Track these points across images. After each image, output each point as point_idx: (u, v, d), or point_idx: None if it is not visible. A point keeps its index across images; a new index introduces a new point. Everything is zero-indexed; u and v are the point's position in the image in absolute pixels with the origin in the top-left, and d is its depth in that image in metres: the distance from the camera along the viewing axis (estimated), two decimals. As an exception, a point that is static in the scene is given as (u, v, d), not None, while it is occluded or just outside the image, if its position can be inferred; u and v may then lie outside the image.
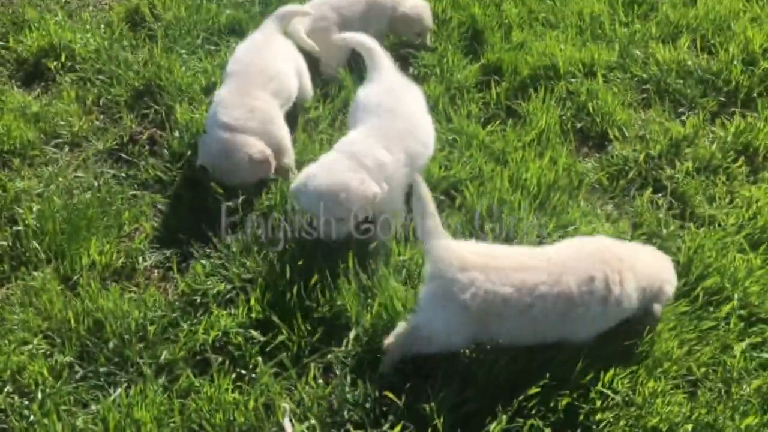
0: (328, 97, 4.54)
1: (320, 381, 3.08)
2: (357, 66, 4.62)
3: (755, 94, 4.60)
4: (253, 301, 3.32)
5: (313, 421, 2.97)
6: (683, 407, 2.97)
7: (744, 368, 3.14)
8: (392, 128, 3.63)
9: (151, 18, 5.30)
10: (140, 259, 3.68)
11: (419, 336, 3.01)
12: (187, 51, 4.98)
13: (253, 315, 3.29)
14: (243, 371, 3.14)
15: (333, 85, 4.63)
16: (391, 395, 2.94)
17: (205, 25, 5.22)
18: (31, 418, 2.95)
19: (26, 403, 3.02)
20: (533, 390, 2.91)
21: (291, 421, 2.97)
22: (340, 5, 4.75)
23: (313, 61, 4.61)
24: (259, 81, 4.03)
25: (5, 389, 3.07)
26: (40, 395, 3.01)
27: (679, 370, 3.11)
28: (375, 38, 4.38)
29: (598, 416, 2.92)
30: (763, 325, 3.31)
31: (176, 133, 4.28)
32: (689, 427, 2.91)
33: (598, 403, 2.94)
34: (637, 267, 3.04)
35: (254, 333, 3.23)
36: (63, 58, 4.87)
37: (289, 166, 4.04)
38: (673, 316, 3.26)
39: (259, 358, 3.15)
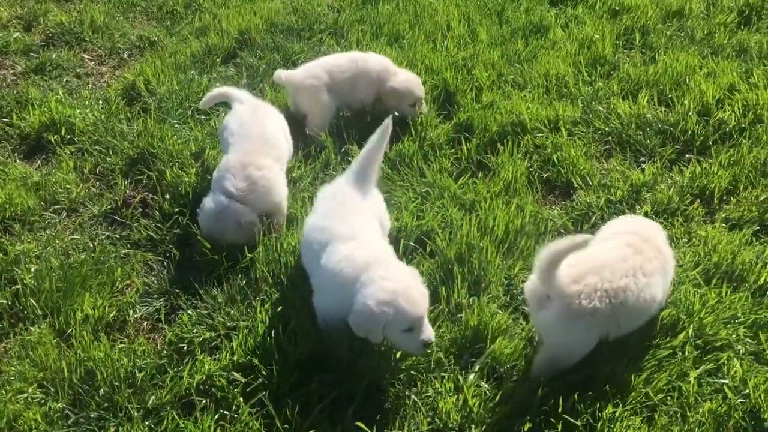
0: (309, 158, 4.85)
1: (298, 418, 3.24)
2: (338, 130, 4.98)
3: (710, 142, 4.88)
4: (235, 346, 3.53)
5: (291, 456, 3.14)
6: (641, 430, 3.13)
7: (699, 393, 3.31)
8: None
9: (146, 93, 5.69)
10: (131, 312, 3.91)
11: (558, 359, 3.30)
12: (178, 121, 5.34)
13: (236, 359, 3.49)
14: (225, 411, 3.31)
15: (315, 146, 4.94)
16: (363, 426, 3.12)
17: (196, 97, 5.59)
18: (25, 461, 3.13)
19: (21, 447, 3.20)
20: (496, 417, 3.09)
21: (270, 455, 3.14)
22: (332, 69, 5.12)
23: (295, 124, 4.93)
24: (263, 149, 4.32)
25: (2, 435, 3.26)
26: (33, 440, 3.21)
27: (638, 396, 3.27)
28: (362, 104, 5.06)
29: (559, 440, 3.08)
30: (717, 352, 3.49)
31: (167, 196, 4.58)
32: (646, 448, 3.07)
33: (560, 428, 3.11)
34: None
35: (236, 375, 3.42)
36: (63, 132, 5.22)
37: (281, 224, 4.31)
38: (631, 346, 3.45)
39: (241, 399, 3.33)
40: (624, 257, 3.31)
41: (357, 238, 3.49)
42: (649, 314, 3.39)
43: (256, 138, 4.37)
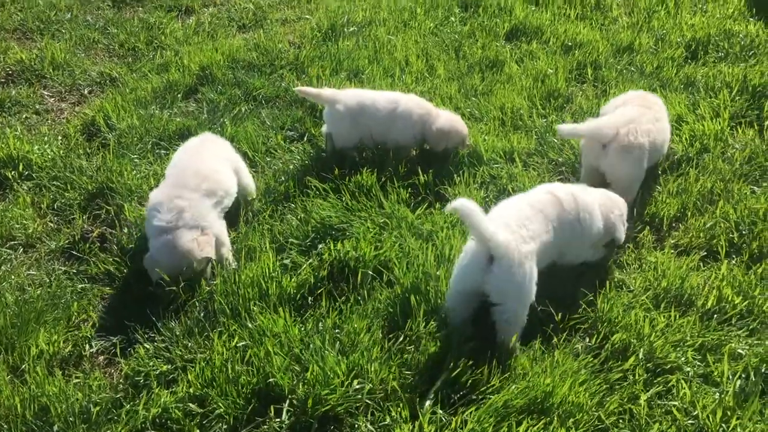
0: (268, 192, 4.90)
1: (255, 449, 3.24)
2: (299, 165, 5.02)
3: (659, 171, 5.03)
4: (192, 378, 3.52)
5: (247, 488, 3.12)
6: (593, 453, 3.19)
7: (650, 415, 3.38)
8: None
9: (106, 128, 5.71)
10: (87, 346, 3.89)
11: None
12: (138, 156, 5.36)
13: (192, 391, 3.48)
14: (181, 445, 3.31)
15: (275, 178, 5.00)
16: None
17: (156, 132, 5.64)
18: (-26, 500, 3.07)
19: (-30, 486, 3.14)
20: (451, 443, 3.12)
21: (226, 488, 3.12)
22: (366, 104, 5.16)
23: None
24: (192, 182, 4.27)
25: (-50, 475, 3.20)
26: (-17, 478, 3.15)
27: (590, 419, 3.33)
28: (398, 145, 5.18)
29: (513, 464, 3.12)
30: (667, 375, 3.57)
31: (125, 230, 4.58)
32: (599, 470, 3.12)
33: (514, 453, 3.15)
34: None
35: (193, 406, 3.41)
36: (21, 168, 5.20)
37: (227, 256, 4.32)
38: (583, 370, 3.52)
39: (197, 431, 3.32)
40: None
41: None
42: None
43: (189, 173, 4.34)
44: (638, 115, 4.69)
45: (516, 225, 3.65)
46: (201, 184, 4.29)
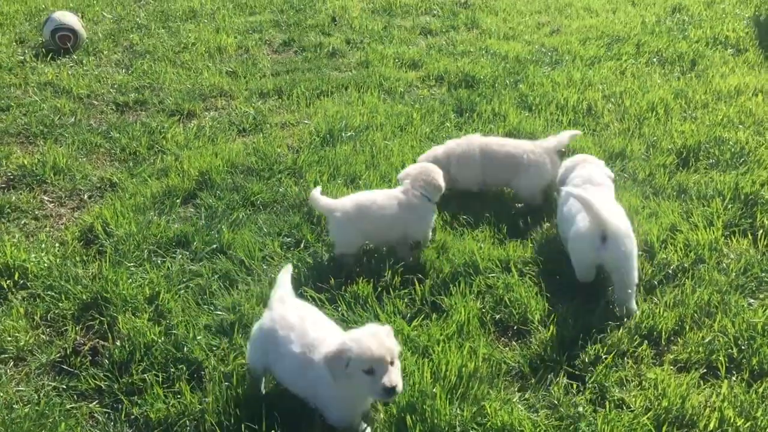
0: (264, 302, 4.88)
1: None
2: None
3: (656, 282, 5.02)
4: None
5: None
6: None
7: None
8: None
9: (104, 235, 5.73)
10: (72, 471, 3.77)
11: None
12: (134, 264, 5.36)
13: None
14: None
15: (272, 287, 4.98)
16: None
17: (154, 239, 5.66)
18: None
19: None
20: None
21: None
22: (367, 205, 5.29)
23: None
24: None
25: None
26: None
27: None
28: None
29: None
30: (672, 505, 3.46)
31: (118, 342, 4.53)
32: None
33: None
34: None
35: None
36: (16, 277, 5.19)
37: None
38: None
39: None
40: None
41: None
42: None
43: None
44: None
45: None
46: None
